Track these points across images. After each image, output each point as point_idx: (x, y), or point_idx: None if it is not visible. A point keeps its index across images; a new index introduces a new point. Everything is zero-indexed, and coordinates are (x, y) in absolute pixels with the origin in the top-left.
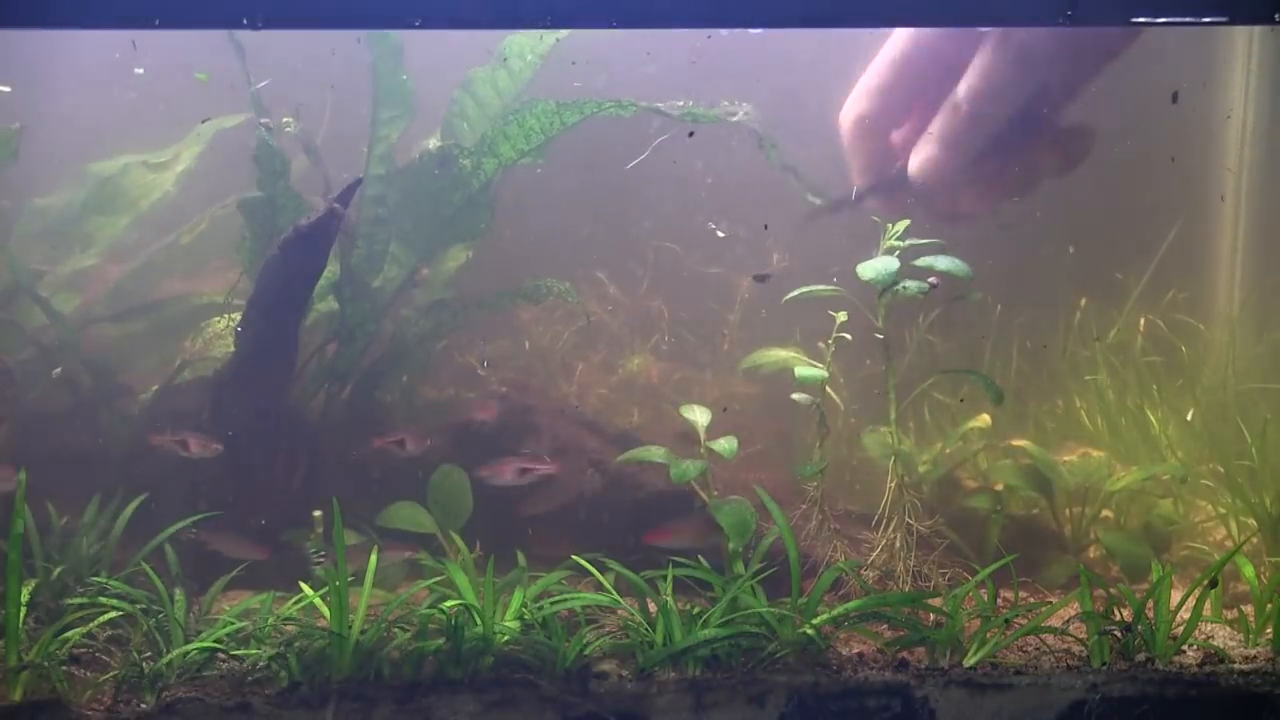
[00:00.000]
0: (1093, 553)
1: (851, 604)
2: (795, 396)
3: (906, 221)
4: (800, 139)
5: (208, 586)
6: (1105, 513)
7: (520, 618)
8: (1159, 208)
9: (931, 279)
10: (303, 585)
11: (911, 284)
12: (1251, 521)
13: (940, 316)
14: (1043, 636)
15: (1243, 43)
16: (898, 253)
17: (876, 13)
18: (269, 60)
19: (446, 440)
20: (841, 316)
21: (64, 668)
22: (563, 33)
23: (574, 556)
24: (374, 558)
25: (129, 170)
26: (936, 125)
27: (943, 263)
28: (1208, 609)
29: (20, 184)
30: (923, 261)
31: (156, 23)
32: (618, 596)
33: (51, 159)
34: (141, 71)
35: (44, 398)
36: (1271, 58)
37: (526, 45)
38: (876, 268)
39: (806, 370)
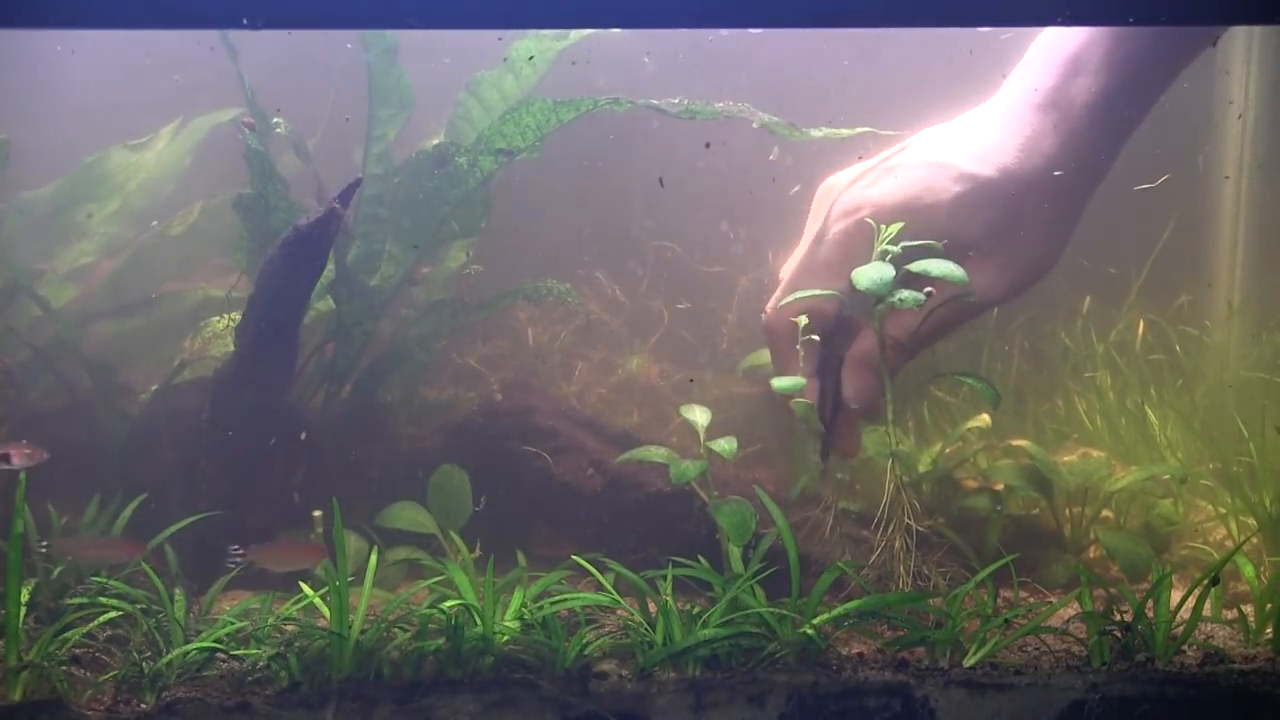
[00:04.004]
0: (1093, 553)
1: (851, 604)
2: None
3: (899, 225)
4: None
5: (208, 586)
6: (1105, 513)
7: (520, 618)
8: (1161, 207)
9: (928, 288)
10: (303, 585)
11: (907, 295)
12: (1251, 521)
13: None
14: (1043, 636)
15: (1242, 43)
16: (890, 258)
17: (877, 13)
18: (267, 59)
19: (445, 440)
20: (803, 321)
21: (64, 668)
22: (570, 39)
23: (574, 556)
24: (374, 557)
25: (110, 155)
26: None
27: (937, 268)
28: (1208, 609)
29: (11, 180)
30: (916, 267)
31: (156, 22)
32: (618, 596)
33: (40, 154)
34: None
35: (44, 397)
36: (1272, 58)
37: (533, 49)
38: (872, 276)
39: (784, 381)
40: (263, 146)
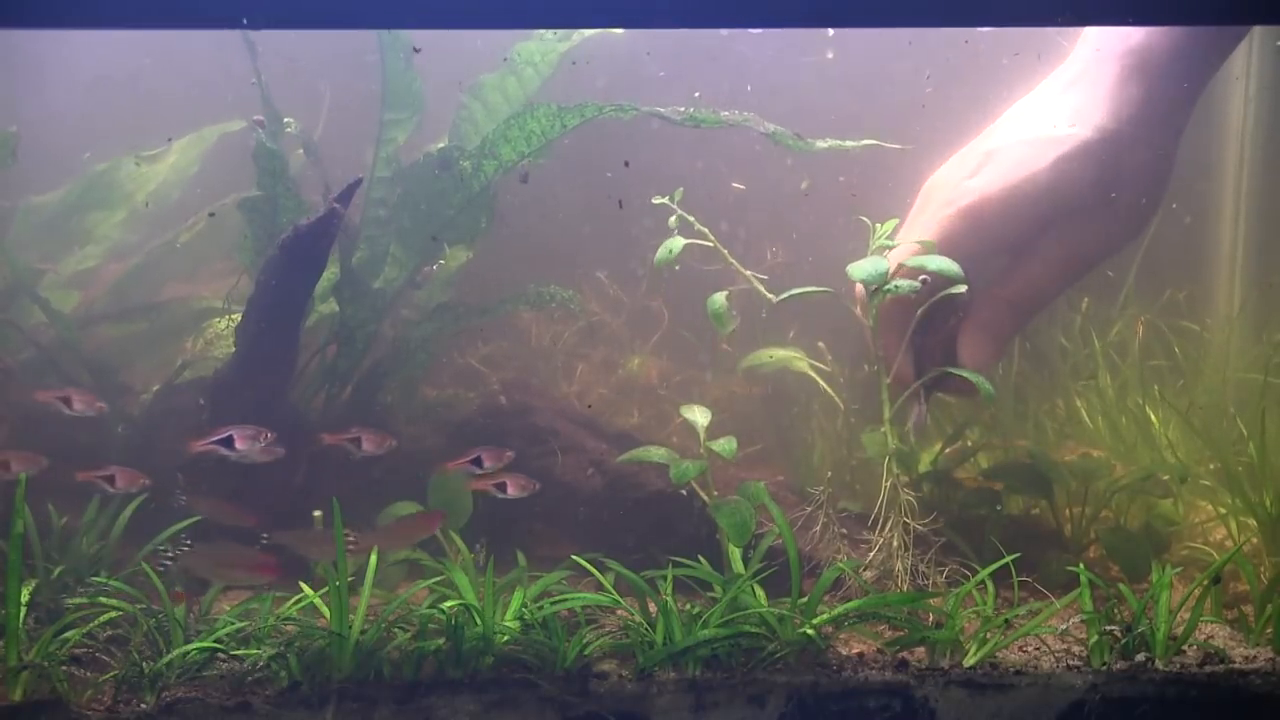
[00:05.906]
0: (1093, 553)
1: (851, 604)
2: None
3: (895, 220)
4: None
5: (207, 586)
6: (1105, 513)
7: (520, 618)
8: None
9: (923, 276)
10: (303, 585)
11: (903, 283)
12: (1252, 521)
13: None
14: (1043, 636)
15: (1241, 43)
16: (887, 252)
17: (877, 12)
18: (274, 61)
19: (445, 439)
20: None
21: (64, 668)
22: (574, 40)
23: (574, 556)
24: (374, 557)
25: (121, 164)
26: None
27: (934, 263)
28: (1208, 609)
29: (17, 182)
30: (913, 261)
31: (156, 22)
32: (618, 596)
33: (48, 157)
34: None
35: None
36: (1271, 58)
37: (537, 52)
38: (867, 268)
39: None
40: (276, 145)
